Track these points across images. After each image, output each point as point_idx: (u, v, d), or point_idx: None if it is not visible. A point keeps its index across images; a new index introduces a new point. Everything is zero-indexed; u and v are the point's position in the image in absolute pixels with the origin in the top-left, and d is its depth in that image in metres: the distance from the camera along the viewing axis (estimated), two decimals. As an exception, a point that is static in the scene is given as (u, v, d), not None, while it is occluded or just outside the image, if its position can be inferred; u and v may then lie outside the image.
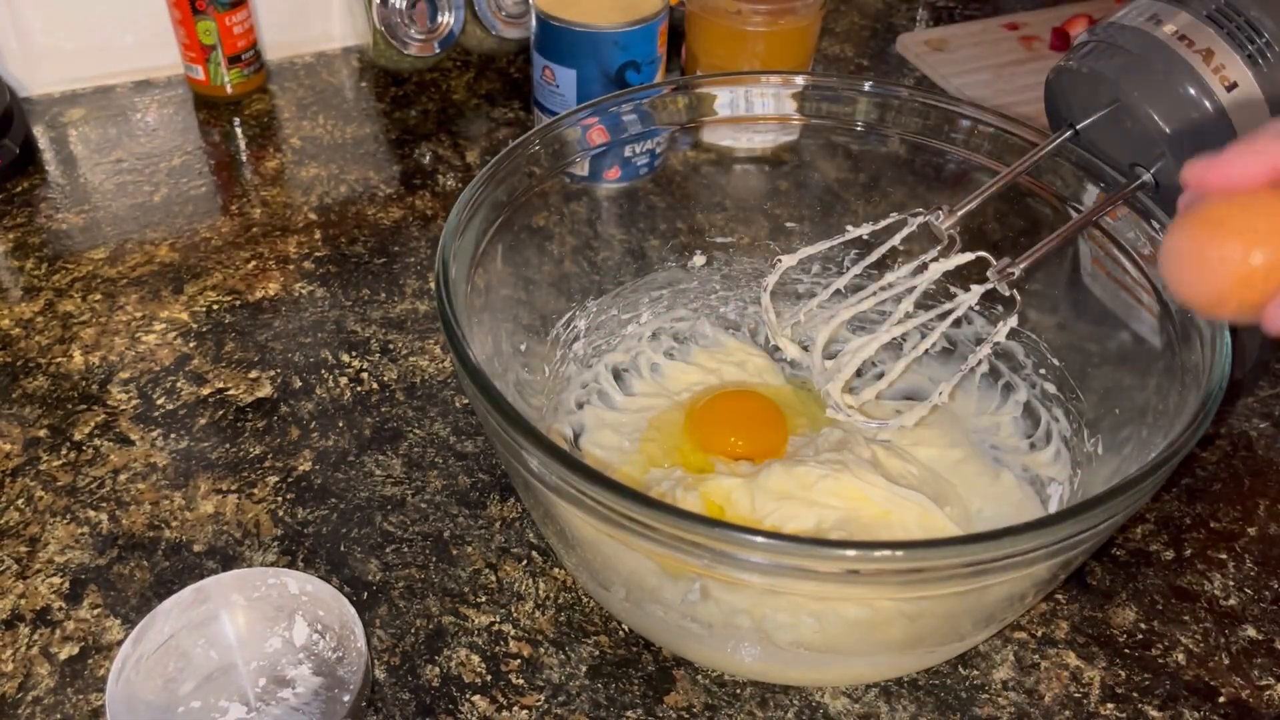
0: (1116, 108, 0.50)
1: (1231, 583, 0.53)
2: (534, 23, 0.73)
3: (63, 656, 0.48)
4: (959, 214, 0.51)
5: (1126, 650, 0.50)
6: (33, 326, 0.65)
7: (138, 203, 0.74)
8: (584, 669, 0.48)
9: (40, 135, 0.80)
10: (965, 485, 0.54)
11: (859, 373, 0.58)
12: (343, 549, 0.53)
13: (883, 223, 0.53)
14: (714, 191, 0.63)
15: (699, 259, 0.63)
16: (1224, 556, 0.54)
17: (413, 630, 0.50)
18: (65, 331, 0.64)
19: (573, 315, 0.60)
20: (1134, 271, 0.50)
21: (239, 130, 0.82)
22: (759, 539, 0.36)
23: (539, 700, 0.47)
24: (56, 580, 0.51)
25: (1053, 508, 0.53)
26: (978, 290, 0.51)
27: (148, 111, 0.83)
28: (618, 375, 0.60)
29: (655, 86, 0.57)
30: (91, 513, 0.54)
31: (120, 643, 0.46)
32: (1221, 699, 0.48)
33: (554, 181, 0.55)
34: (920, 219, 0.52)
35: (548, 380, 0.58)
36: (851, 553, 0.37)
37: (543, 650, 0.49)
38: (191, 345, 0.64)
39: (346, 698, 0.45)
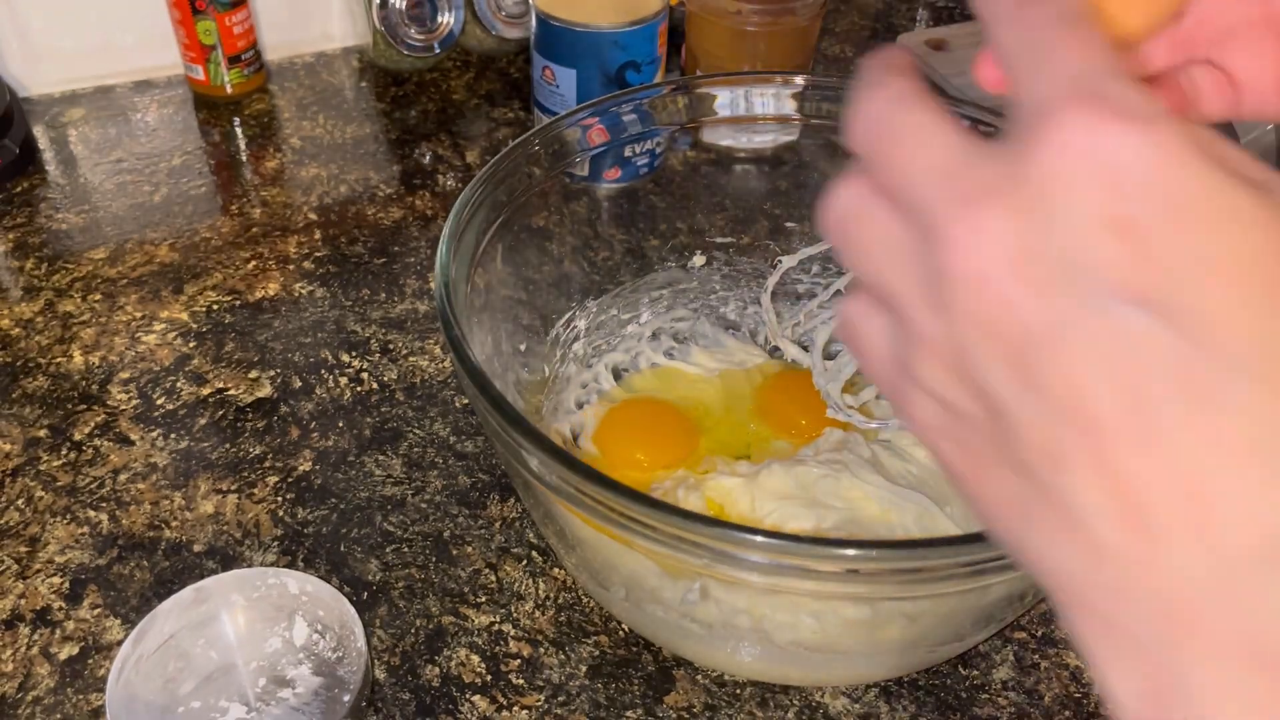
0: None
1: (1232, 583, 0.53)
2: (534, 23, 0.73)
3: (63, 656, 0.48)
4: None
5: (1127, 650, 0.50)
6: (33, 326, 0.65)
7: (138, 203, 0.74)
8: (584, 669, 0.48)
9: (40, 135, 0.80)
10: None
11: (859, 372, 0.58)
12: (343, 549, 0.53)
13: (883, 223, 0.53)
14: (714, 191, 0.63)
15: (699, 259, 0.63)
16: (1224, 556, 0.54)
17: (413, 630, 0.50)
18: (65, 331, 0.64)
19: (573, 315, 0.60)
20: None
21: (239, 130, 0.82)
22: (759, 538, 0.36)
23: (539, 700, 0.47)
24: (56, 580, 0.51)
25: None
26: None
27: (148, 111, 0.83)
28: (618, 375, 0.60)
29: (655, 86, 0.57)
30: (91, 513, 0.54)
31: (120, 643, 0.46)
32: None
33: (554, 181, 0.55)
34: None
35: (548, 380, 0.58)
36: (851, 552, 0.37)
37: (543, 650, 0.49)
38: (191, 345, 0.64)
39: (346, 698, 0.45)
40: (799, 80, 0.58)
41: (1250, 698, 0.20)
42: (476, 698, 0.47)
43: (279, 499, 0.55)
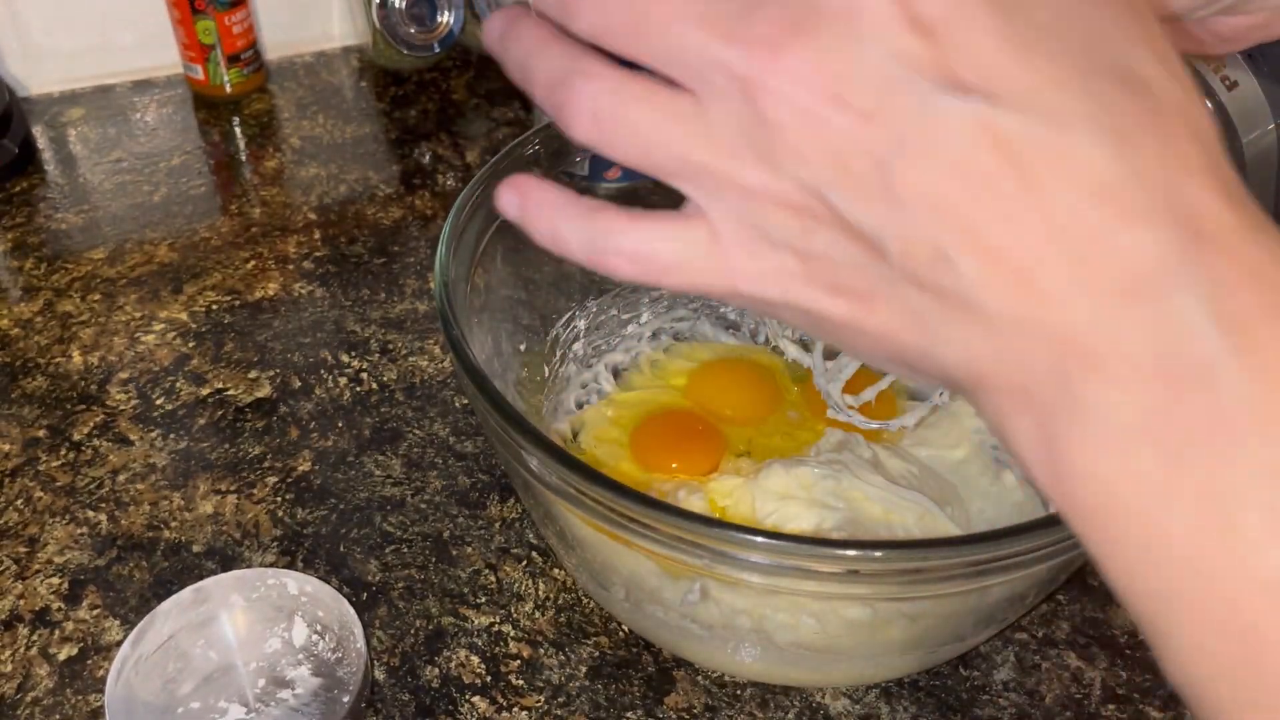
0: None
1: (1233, 583, 0.53)
2: (534, 22, 0.73)
3: (62, 657, 0.48)
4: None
5: (1128, 651, 0.50)
6: (31, 326, 0.65)
7: (137, 202, 0.74)
8: (584, 670, 0.48)
9: (39, 135, 0.80)
10: (966, 485, 0.54)
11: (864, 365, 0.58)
12: (342, 549, 0.53)
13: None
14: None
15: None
16: (1225, 557, 0.54)
17: (412, 631, 0.50)
18: (64, 331, 0.64)
19: (573, 315, 0.59)
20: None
21: (238, 130, 0.82)
22: (759, 539, 0.36)
23: (539, 701, 0.47)
24: (55, 581, 0.51)
25: (1054, 508, 0.53)
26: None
27: (147, 111, 0.83)
28: (618, 375, 0.60)
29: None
30: (90, 513, 0.54)
31: (119, 643, 0.46)
32: (1223, 700, 0.48)
33: (554, 181, 0.55)
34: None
35: (547, 380, 0.58)
36: (851, 552, 0.37)
37: (543, 651, 0.49)
38: (191, 345, 0.64)
39: (346, 698, 0.45)
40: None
41: (1140, 401, 0.21)
42: (476, 698, 0.47)
43: (278, 499, 0.55)
